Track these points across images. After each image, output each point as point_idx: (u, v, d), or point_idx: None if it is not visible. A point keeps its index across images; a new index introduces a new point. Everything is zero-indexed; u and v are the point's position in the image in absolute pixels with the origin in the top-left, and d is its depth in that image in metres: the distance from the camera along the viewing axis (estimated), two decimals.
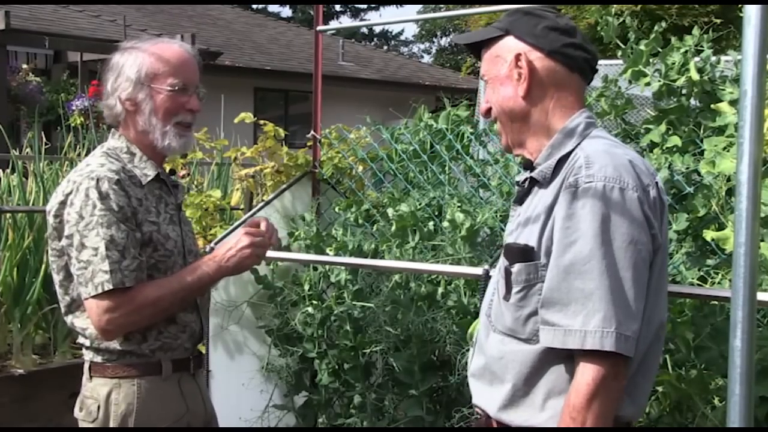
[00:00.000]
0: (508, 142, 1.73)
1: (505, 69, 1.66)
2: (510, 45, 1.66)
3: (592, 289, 1.47)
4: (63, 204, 1.95)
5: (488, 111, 1.72)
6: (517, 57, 1.64)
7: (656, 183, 1.57)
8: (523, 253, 1.58)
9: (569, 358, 1.52)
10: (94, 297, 1.90)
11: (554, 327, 1.51)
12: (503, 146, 1.77)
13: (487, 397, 1.68)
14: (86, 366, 2.04)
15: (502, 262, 1.65)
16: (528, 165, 1.69)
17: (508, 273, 1.61)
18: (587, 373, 1.47)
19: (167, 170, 2.15)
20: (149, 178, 2.04)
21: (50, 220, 1.98)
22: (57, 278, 2.01)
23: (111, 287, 1.88)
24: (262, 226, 2.08)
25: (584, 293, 1.47)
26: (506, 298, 1.62)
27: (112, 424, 1.97)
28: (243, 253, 2.02)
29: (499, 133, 1.76)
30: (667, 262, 1.61)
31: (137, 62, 2.01)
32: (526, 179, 1.68)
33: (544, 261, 1.55)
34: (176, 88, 2.02)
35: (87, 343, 2.01)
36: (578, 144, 1.61)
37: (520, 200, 1.70)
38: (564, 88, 1.65)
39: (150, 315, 1.96)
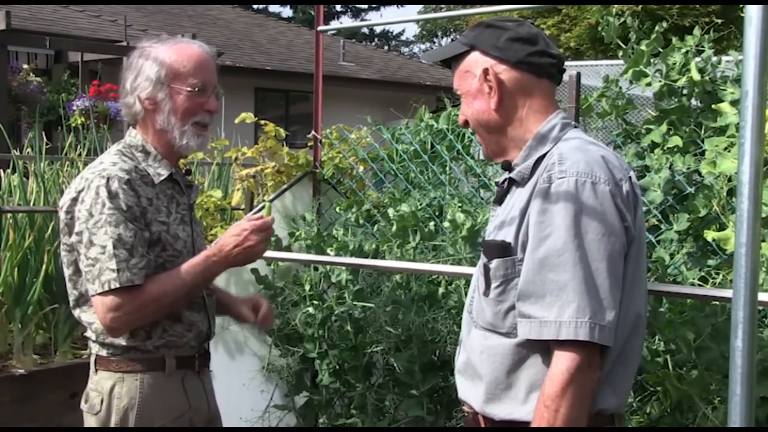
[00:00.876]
0: (489, 152, 1.78)
1: (475, 83, 1.71)
2: (477, 60, 1.71)
3: (565, 280, 1.50)
4: (75, 200, 1.97)
5: (466, 123, 1.78)
6: (485, 71, 1.68)
7: (629, 177, 1.61)
8: (501, 249, 1.62)
9: (549, 351, 1.55)
10: (100, 294, 1.92)
11: (530, 319, 1.55)
12: (485, 156, 1.83)
13: (471, 391, 1.71)
14: (92, 359, 2.07)
15: (481, 258, 1.69)
16: (507, 166, 1.73)
17: (486, 269, 1.65)
18: (562, 362, 1.51)
19: (183, 170, 2.16)
20: (162, 178, 2.05)
21: (62, 215, 2.00)
22: (67, 272, 2.03)
23: (118, 285, 1.90)
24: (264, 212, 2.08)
25: (558, 285, 1.51)
26: (486, 293, 1.66)
27: (113, 417, 1.99)
28: (251, 251, 2.02)
29: (479, 142, 1.81)
30: (643, 254, 1.65)
31: (158, 62, 2.02)
32: (505, 180, 1.73)
33: (520, 256, 1.59)
34: (196, 89, 2.03)
35: (93, 337, 2.04)
36: (556, 144, 1.65)
37: (499, 200, 1.75)
38: (534, 94, 1.70)
39: (153, 311, 1.97)
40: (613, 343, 1.53)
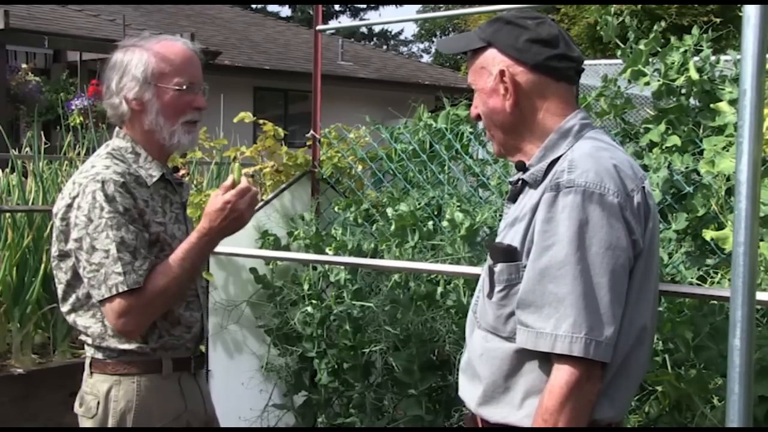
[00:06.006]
0: (501, 150, 1.76)
1: (491, 82, 1.67)
2: (494, 58, 1.67)
3: (564, 294, 1.49)
4: (69, 207, 1.95)
5: (478, 116, 1.74)
6: (501, 72, 1.65)
7: (643, 188, 1.57)
8: (506, 253, 1.61)
9: (548, 358, 1.54)
10: (108, 300, 1.90)
11: (528, 328, 1.54)
12: (496, 153, 1.80)
13: (469, 391, 1.70)
14: (87, 362, 2.05)
15: (488, 260, 1.68)
16: (521, 166, 1.70)
17: (491, 272, 1.64)
18: (560, 375, 1.50)
19: (171, 168, 2.15)
20: (155, 179, 2.03)
21: (56, 222, 1.98)
22: (64, 277, 2.01)
23: (126, 288, 1.88)
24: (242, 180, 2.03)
25: (557, 297, 1.49)
26: (489, 296, 1.64)
27: (110, 421, 1.98)
28: (239, 219, 2.00)
29: (489, 139, 1.78)
30: (653, 267, 1.61)
31: (143, 61, 1.99)
32: (518, 180, 1.70)
33: (525, 262, 1.57)
34: (183, 87, 2.01)
35: (89, 340, 2.02)
36: (571, 146, 1.62)
37: (513, 198, 1.72)
38: (551, 97, 1.66)
39: (162, 305, 1.97)
40: (613, 357, 1.51)
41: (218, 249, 2.96)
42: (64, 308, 2.04)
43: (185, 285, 2.01)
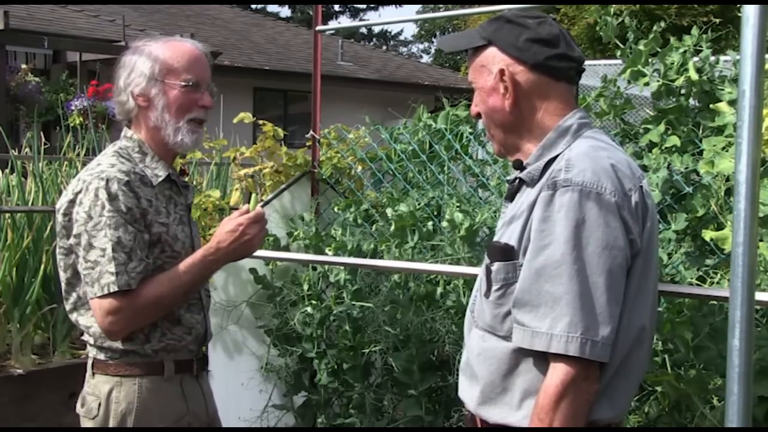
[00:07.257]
0: (501, 149, 1.76)
1: (491, 81, 1.67)
2: (494, 56, 1.67)
3: (560, 293, 1.48)
4: (72, 203, 1.96)
5: (478, 114, 1.74)
6: (501, 71, 1.65)
7: (640, 187, 1.57)
8: (503, 252, 1.61)
9: (545, 358, 1.53)
10: (99, 298, 1.90)
11: (524, 327, 1.54)
12: (496, 152, 1.80)
13: (468, 391, 1.70)
14: (89, 363, 2.05)
15: (485, 259, 1.68)
16: (518, 165, 1.70)
17: (488, 271, 1.63)
18: (556, 374, 1.49)
19: (177, 170, 2.16)
20: (160, 179, 2.04)
21: (59, 218, 1.99)
22: (64, 276, 2.02)
23: (116, 288, 1.89)
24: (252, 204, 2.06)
25: (553, 297, 1.49)
26: (486, 295, 1.64)
27: (111, 422, 1.98)
28: (249, 244, 2.01)
29: (489, 138, 1.78)
30: (652, 266, 1.60)
31: (150, 58, 2.02)
32: (516, 179, 1.70)
33: (522, 261, 1.57)
34: (190, 83, 2.02)
35: (91, 340, 2.02)
36: (569, 146, 1.62)
37: (510, 197, 1.72)
38: (551, 97, 1.66)
39: (153, 313, 1.96)
40: (612, 357, 1.51)
41: None
42: (67, 306, 2.05)
43: (180, 299, 2.01)
